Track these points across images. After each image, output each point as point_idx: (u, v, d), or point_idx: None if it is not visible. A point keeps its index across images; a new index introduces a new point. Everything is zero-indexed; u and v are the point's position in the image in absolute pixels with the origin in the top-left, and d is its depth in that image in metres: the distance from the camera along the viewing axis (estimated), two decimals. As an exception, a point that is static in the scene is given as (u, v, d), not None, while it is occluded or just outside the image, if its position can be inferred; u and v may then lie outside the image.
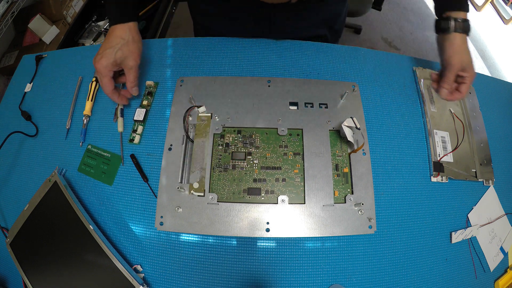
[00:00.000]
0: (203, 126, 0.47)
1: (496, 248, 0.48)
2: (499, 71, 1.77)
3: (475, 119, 0.55)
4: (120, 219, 0.46)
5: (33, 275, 0.43)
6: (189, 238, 0.45)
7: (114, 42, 0.46)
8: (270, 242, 0.45)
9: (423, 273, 0.45)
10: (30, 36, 1.23)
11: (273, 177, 0.45)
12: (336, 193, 0.44)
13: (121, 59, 0.47)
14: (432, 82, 0.54)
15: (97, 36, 1.33)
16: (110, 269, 0.40)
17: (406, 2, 1.99)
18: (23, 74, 0.62)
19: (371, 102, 0.53)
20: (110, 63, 0.46)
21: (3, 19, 1.07)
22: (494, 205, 0.50)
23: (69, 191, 0.44)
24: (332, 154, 0.46)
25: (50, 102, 0.57)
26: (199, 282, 0.43)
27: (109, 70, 0.47)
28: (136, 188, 0.47)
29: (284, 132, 0.47)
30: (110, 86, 0.48)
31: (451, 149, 0.51)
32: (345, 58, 0.57)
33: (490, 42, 1.88)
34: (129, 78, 0.49)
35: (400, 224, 0.46)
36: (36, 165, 0.52)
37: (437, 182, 0.49)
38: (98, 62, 0.46)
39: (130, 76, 0.48)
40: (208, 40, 0.59)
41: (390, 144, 0.51)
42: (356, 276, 0.43)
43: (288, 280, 0.43)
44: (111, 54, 0.46)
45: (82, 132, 0.52)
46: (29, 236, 0.45)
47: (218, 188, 0.44)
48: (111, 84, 0.48)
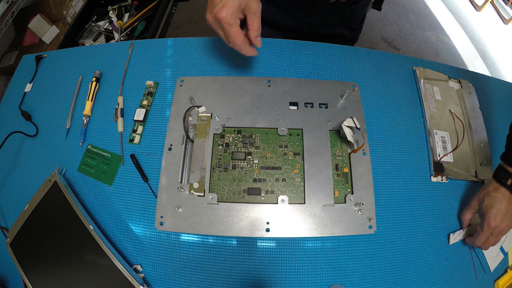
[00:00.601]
0: (203, 126, 0.47)
1: (496, 248, 0.48)
2: (499, 71, 1.77)
3: (475, 119, 0.55)
4: (120, 219, 0.46)
5: (33, 275, 0.43)
6: (189, 238, 0.45)
7: None
8: (270, 242, 0.45)
9: (423, 273, 0.45)
10: (30, 36, 1.23)
11: (273, 177, 0.45)
12: (336, 193, 0.44)
13: (245, 3, 0.40)
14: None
15: (97, 36, 1.33)
16: (110, 269, 0.40)
17: (406, 2, 1.99)
18: (23, 74, 0.62)
19: (371, 102, 0.53)
20: (236, 9, 0.40)
21: (3, 19, 1.07)
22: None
23: (69, 191, 0.44)
24: (332, 154, 0.46)
25: (50, 102, 0.57)
26: (199, 282, 0.43)
27: (235, 17, 0.40)
28: (136, 188, 0.47)
29: (284, 132, 0.47)
30: (241, 35, 0.42)
31: (451, 149, 0.51)
32: (345, 58, 0.57)
33: (490, 42, 1.88)
34: (253, 26, 0.42)
35: (400, 224, 0.46)
36: (36, 165, 0.52)
37: (437, 182, 0.49)
38: (220, 11, 0.40)
39: (255, 23, 0.42)
40: (208, 40, 0.59)
41: (390, 144, 0.51)
42: (356, 276, 0.43)
43: (288, 280, 0.43)
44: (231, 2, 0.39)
45: (82, 132, 0.52)
46: (29, 236, 0.45)
47: (218, 188, 0.44)
48: (241, 34, 0.42)
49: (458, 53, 1.81)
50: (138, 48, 0.59)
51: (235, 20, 0.40)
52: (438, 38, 1.85)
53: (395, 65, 0.58)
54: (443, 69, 0.59)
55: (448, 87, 0.57)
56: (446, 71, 0.59)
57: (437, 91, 0.55)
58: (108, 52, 0.60)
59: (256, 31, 0.42)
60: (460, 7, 2.07)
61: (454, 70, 0.60)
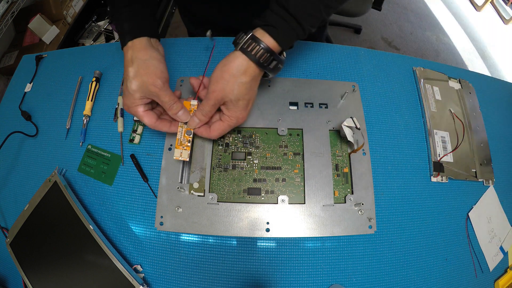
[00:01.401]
0: (203, 126, 0.47)
1: (496, 248, 0.48)
2: (499, 71, 1.77)
3: (475, 119, 0.55)
4: (120, 219, 0.46)
5: (33, 275, 0.43)
6: (189, 238, 0.45)
7: (125, 73, 0.39)
8: (270, 242, 0.45)
9: (423, 273, 0.45)
10: (30, 36, 1.23)
11: (273, 177, 0.45)
12: (336, 193, 0.44)
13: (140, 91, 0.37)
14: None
15: (97, 36, 1.33)
16: (110, 269, 0.40)
17: (406, 2, 1.99)
18: (23, 74, 0.62)
19: (371, 102, 0.53)
20: (131, 101, 0.38)
21: (3, 19, 1.07)
22: (494, 205, 0.50)
23: (69, 191, 0.44)
24: (332, 154, 0.46)
25: (50, 102, 0.57)
26: (199, 282, 0.43)
27: (135, 106, 0.39)
28: (136, 188, 0.47)
29: (284, 132, 0.47)
30: (149, 120, 0.39)
31: (451, 149, 0.51)
32: (345, 58, 0.57)
33: (490, 42, 1.88)
34: (164, 106, 0.39)
35: (400, 224, 0.46)
36: (36, 165, 0.52)
37: (437, 182, 0.49)
38: (124, 104, 0.40)
39: (163, 104, 0.39)
40: (208, 40, 0.59)
41: (390, 144, 0.51)
42: (356, 276, 0.43)
43: (288, 280, 0.43)
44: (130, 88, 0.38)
45: (82, 132, 0.52)
46: (29, 236, 0.45)
47: (218, 188, 0.44)
48: (149, 118, 0.39)
49: (458, 53, 1.81)
50: (138, 48, 0.59)
51: (137, 108, 0.39)
52: (438, 38, 1.85)
53: (395, 65, 0.58)
54: (443, 69, 0.59)
55: (448, 87, 0.57)
56: (446, 71, 0.59)
57: (437, 91, 0.55)
58: (108, 52, 0.60)
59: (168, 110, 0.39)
60: (460, 7, 2.07)
61: (454, 70, 0.60)
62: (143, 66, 0.37)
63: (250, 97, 0.39)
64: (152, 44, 0.40)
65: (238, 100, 0.37)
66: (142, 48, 0.38)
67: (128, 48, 0.39)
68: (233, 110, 0.39)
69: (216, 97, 0.37)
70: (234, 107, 0.38)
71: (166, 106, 0.39)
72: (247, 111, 0.40)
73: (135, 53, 0.38)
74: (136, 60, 0.37)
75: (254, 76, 0.37)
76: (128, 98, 0.38)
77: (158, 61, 0.39)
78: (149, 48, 0.39)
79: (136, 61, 0.37)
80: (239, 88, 0.37)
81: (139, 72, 0.37)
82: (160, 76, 0.38)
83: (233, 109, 0.38)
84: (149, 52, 0.38)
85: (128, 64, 0.38)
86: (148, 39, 0.39)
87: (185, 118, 0.40)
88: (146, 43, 0.39)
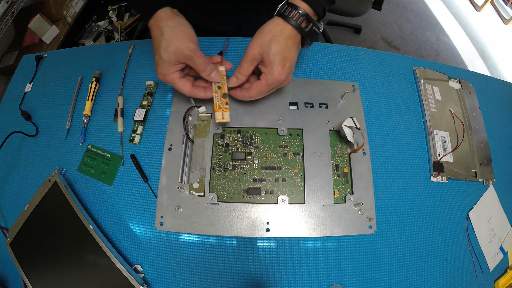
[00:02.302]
0: (203, 126, 0.47)
1: (496, 248, 0.48)
2: (499, 71, 1.77)
3: (475, 119, 0.55)
4: (120, 219, 0.46)
5: (33, 275, 0.43)
6: (189, 238, 0.45)
7: (156, 44, 0.40)
8: (270, 242, 0.45)
9: (423, 273, 0.45)
10: (30, 36, 1.23)
11: (273, 177, 0.45)
12: (336, 193, 0.44)
13: (175, 57, 0.39)
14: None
15: (97, 36, 1.33)
16: (110, 269, 0.40)
17: (406, 2, 1.99)
18: (23, 74, 0.62)
19: (371, 102, 0.53)
20: (167, 68, 0.40)
21: (3, 19, 1.07)
22: (494, 205, 0.50)
23: (69, 191, 0.44)
24: (332, 154, 0.46)
25: (50, 102, 0.57)
26: (199, 282, 0.43)
27: (172, 72, 0.40)
28: (136, 188, 0.47)
29: (284, 132, 0.47)
30: (185, 86, 0.41)
31: (451, 149, 0.51)
32: (345, 58, 0.57)
33: (490, 42, 1.88)
34: (198, 68, 0.41)
35: (400, 224, 0.46)
36: (36, 165, 0.52)
37: (437, 182, 0.49)
38: (157, 71, 0.41)
39: (198, 66, 0.40)
40: (208, 40, 0.59)
41: (390, 144, 0.51)
42: (356, 276, 0.43)
43: (288, 280, 0.43)
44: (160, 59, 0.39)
45: (82, 132, 0.52)
46: (29, 236, 0.45)
47: (218, 188, 0.44)
48: (185, 84, 0.41)
49: (458, 53, 1.81)
50: (138, 48, 0.59)
51: (173, 77, 0.41)
52: (438, 38, 1.85)
53: (395, 65, 0.58)
54: (443, 69, 0.59)
55: (448, 87, 0.57)
56: (446, 71, 0.59)
57: (437, 91, 0.55)
58: (108, 52, 0.60)
59: (202, 72, 0.41)
60: (460, 7, 2.07)
61: (454, 70, 0.60)
62: (175, 32, 0.39)
63: (287, 55, 0.39)
64: (176, 12, 0.42)
65: (275, 54, 0.38)
66: (169, 17, 0.40)
67: (155, 20, 0.40)
68: (270, 67, 0.39)
69: (253, 53, 0.39)
70: (271, 63, 0.38)
71: (200, 68, 0.40)
72: (286, 70, 0.39)
73: (163, 22, 0.39)
74: (167, 28, 0.39)
75: (290, 35, 0.38)
76: (162, 66, 0.40)
77: (186, 27, 0.40)
78: (175, 16, 0.40)
79: (166, 29, 0.39)
80: (276, 43, 0.38)
81: (172, 39, 0.38)
82: (192, 40, 0.39)
83: (270, 65, 0.39)
84: (177, 19, 0.40)
85: (159, 33, 0.39)
86: (171, 9, 0.41)
87: (218, 78, 0.42)
88: (171, 13, 0.40)
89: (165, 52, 0.39)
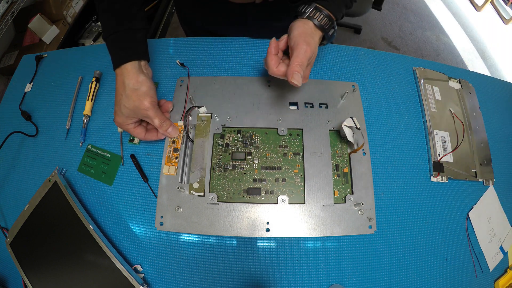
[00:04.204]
0: (203, 126, 0.47)
1: (496, 248, 0.48)
2: (499, 71, 1.77)
3: (475, 119, 0.55)
4: (120, 219, 0.46)
5: (33, 275, 0.43)
6: (189, 238, 0.45)
7: (117, 96, 0.43)
8: (270, 242, 0.45)
9: (423, 273, 0.45)
10: (30, 36, 1.23)
11: (273, 177, 0.45)
12: (336, 193, 0.44)
13: (132, 114, 0.43)
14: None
15: (97, 36, 1.33)
16: (110, 269, 0.40)
17: (406, 2, 1.99)
18: (23, 74, 0.62)
19: (371, 102, 0.53)
20: (124, 120, 0.44)
21: (3, 19, 1.07)
22: (494, 205, 0.50)
23: (69, 191, 0.44)
24: (332, 154, 0.46)
25: (50, 102, 0.57)
26: (199, 282, 0.43)
27: (127, 124, 0.44)
28: (136, 188, 0.47)
29: (284, 132, 0.47)
30: (140, 135, 0.45)
31: (451, 149, 0.51)
32: (345, 58, 0.57)
33: (490, 42, 1.88)
34: (155, 125, 0.44)
35: (400, 224, 0.46)
36: (36, 165, 0.52)
37: (437, 182, 0.49)
38: (115, 121, 0.45)
39: (154, 123, 0.44)
40: (208, 40, 0.59)
41: (390, 144, 0.51)
42: (356, 276, 0.43)
43: (288, 280, 0.43)
44: (120, 111, 0.43)
45: (82, 132, 0.52)
46: (29, 236, 0.45)
47: (218, 188, 0.44)
48: (140, 133, 0.45)
49: (458, 53, 1.81)
50: (138, 48, 0.59)
51: (129, 126, 0.44)
52: (438, 38, 1.85)
53: (395, 65, 0.58)
54: (443, 69, 0.59)
55: (448, 87, 0.57)
56: (446, 71, 0.59)
57: (437, 91, 0.55)
58: (108, 52, 0.60)
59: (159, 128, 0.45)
60: (460, 7, 2.07)
61: (454, 70, 0.60)
62: (135, 93, 0.42)
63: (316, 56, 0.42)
64: (141, 67, 0.44)
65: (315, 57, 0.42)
66: (133, 74, 0.42)
67: (121, 72, 0.42)
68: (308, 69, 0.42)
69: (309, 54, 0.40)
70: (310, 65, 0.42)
71: (157, 125, 0.44)
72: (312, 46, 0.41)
73: (127, 80, 0.42)
74: (128, 87, 0.42)
75: (320, 36, 0.42)
76: (120, 117, 0.43)
77: (148, 87, 0.43)
78: (139, 74, 0.43)
79: (127, 87, 0.42)
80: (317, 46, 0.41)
81: (132, 97, 0.42)
82: (150, 100, 0.42)
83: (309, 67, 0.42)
84: (140, 79, 0.42)
85: (122, 89, 0.42)
86: (138, 62, 0.43)
87: (175, 133, 0.46)
88: (136, 69, 0.43)
89: (124, 108, 0.42)
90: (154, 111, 0.43)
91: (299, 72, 0.37)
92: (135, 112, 0.43)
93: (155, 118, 0.43)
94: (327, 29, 0.42)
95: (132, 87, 0.42)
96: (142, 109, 0.42)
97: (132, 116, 0.43)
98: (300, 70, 0.38)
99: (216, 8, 0.57)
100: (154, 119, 0.43)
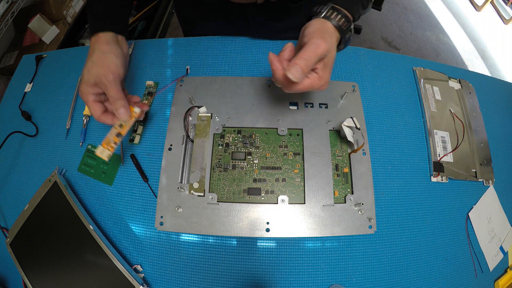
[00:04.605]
0: (203, 126, 0.47)
1: (496, 248, 0.48)
2: (499, 71, 1.77)
3: (475, 119, 0.55)
4: (120, 219, 0.46)
5: (33, 275, 0.43)
6: (189, 238, 0.45)
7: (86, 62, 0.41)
8: (270, 242, 0.45)
9: (423, 273, 0.45)
10: (30, 36, 1.23)
11: (273, 177, 0.45)
12: (336, 193, 0.44)
13: (93, 80, 0.40)
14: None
15: (97, 36, 1.33)
16: (110, 269, 0.40)
17: (406, 2, 1.99)
18: (23, 74, 0.62)
19: (371, 102, 0.53)
20: (85, 87, 0.41)
21: (3, 19, 1.07)
22: (494, 205, 0.50)
23: (69, 191, 0.44)
24: (332, 154, 0.46)
25: (50, 102, 0.57)
26: (199, 282, 0.43)
27: (87, 94, 0.41)
28: (136, 188, 0.47)
29: (284, 132, 0.47)
30: (95, 111, 0.41)
31: (451, 149, 0.51)
32: (345, 58, 0.57)
33: (490, 42, 1.88)
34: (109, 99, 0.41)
35: (400, 224, 0.46)
36: (36, 165, 0.52)
37: (437, 182, 0.49)
38: (79, 89, 0.42)
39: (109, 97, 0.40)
40: (208, 40, 0.59)
41: (390, 144, 0.51)
42: (356, 276, 0.43)
43: (288, 280, 0.43)
44: (85, 76, 0.40)
45: (82, 132, 0.52)
46: (29, 236, 0.45)
47: (218, 188, 0.44)
48: (95, 108, 0.41)
49: (458, 53, 1.81)
50: (138, 48, 0.59)
51: (89, 97, 0.41)
52: (438, 38, 1.85)
53: (395, 65, 0.58)
54: (443, 69, 0.59)
55: (448, 87, 0.57)
56: (446, 71, 0.59)
57: (437, 91, 0.55)
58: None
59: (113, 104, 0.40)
60: (460, 7, 2.07)
61: (454, 70, 0.60)
62: (101, 58, 0.40)
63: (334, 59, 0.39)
64: (117, 40, 0.43)
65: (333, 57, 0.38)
66: (105, 42, 0.41)
67: (94, 39, 0.42)
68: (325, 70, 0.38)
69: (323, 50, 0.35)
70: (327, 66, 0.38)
71: (111, 99, 0.41)
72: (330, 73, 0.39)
73: (97, 45, 0.41)
74: (96, 51, 0.41)
75: (337, 38, 0.39)
76: (82, 84, 0.41)
77: (116, 56, 0.41)
78: (111, 43, 0.42)
79: (96, 52, 0.41)
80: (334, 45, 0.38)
81: (97, 62, 0.40)
82: (114, 70, 0.40)
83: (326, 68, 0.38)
84: (110, 47, 0.41)
85: (90, 53, 0.41)
86: (114, 34, 0.42)
87: (125, 116, 0.41)
88: (110, 38, 0.42)
89: (87, 72, 0.40)
90: (113, 83, 0.40)
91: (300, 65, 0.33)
92: (96, 78, 0.40)
93: (112, 90, 0.40)
94: (345, 30, 0.39)
95: (100, 52, 0.41)
96: (102, 76, 0.39)
97: (92, 84, 0.40)
98: (301, 64, 0.33)
99: (216, 8, 0.58)
100: (110, 90, 0.40)
